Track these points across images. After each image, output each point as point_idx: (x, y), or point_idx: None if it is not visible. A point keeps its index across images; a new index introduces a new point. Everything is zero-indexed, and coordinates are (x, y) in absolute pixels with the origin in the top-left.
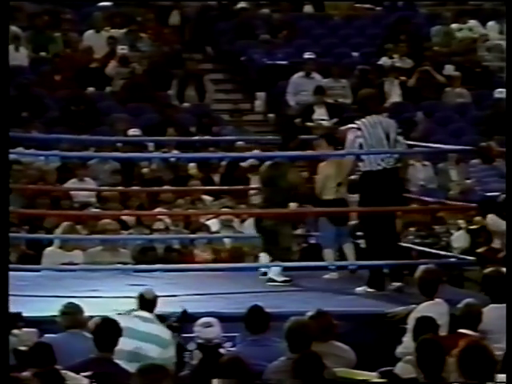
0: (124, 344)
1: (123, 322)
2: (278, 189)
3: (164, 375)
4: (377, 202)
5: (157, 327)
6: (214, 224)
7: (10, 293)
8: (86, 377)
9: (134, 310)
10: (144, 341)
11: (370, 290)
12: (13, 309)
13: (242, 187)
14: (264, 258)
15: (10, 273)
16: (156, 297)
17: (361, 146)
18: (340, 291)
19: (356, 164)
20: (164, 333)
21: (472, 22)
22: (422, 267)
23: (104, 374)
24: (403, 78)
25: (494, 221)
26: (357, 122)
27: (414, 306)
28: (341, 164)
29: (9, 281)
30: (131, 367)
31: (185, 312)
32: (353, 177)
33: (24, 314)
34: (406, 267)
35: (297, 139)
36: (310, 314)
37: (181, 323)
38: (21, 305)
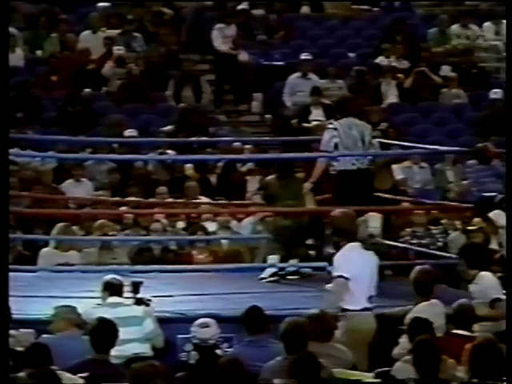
0: None
1: (98, 315)
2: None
3: (157, 372)
4: (350, 201)
5: (127, 309)
6: (211, 225)
7: None
8: (82, 378)
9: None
10: (121, 326)
11: None
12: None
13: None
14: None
15: None
16: (121, 282)
17: (336, 146)
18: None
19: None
20: (135, 311)
21: (471, 30)
22: (416, 268)
23: (100, 376)
24: (400, 76)
25: (499, 216)
26: (333, 122)
27: (410, 306)
28: None
29: (9, 282)
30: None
31: (134, 283)
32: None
33: (21, 315)
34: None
35: None
36: (310, 313)
37: (136, 294)
38: (17, 305)
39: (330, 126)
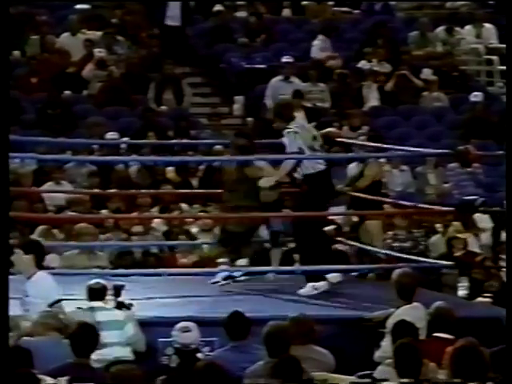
0: None
1: (78, 319)
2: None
3: (135, 376)
4: (319, 201)
5: (108, 313)
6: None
7: None
8: (62, 382)
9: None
10: (102, 330)
11: (318, 284)
12: None
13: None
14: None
15: None
16: (104, 286)
17: (300, 148)
18: (317, 295)
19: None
20: (117, 315)
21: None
22: (398, 271)
23: (81, 379)
24: (381, 79)
25: (480, 219)
26: (291, 126)
27: (392, 309)
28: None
29: (9, 284)
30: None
31: (116, 287)
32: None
33: None
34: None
35: None
36: (290, 317)
37: (118, 297)
38: None
39: (291, 129)
